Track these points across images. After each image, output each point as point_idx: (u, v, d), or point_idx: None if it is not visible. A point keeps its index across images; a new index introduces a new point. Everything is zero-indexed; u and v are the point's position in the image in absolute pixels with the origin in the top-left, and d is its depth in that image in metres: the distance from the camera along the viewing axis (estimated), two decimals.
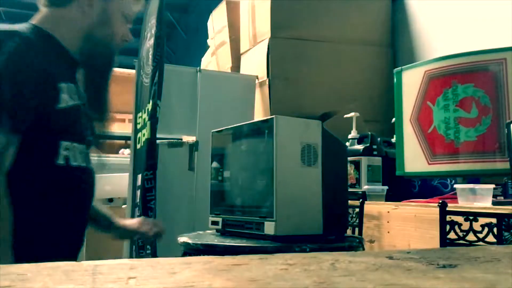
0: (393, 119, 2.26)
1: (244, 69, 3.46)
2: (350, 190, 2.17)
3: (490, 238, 1.15)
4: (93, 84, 1.20)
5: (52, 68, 1.07)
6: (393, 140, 2.41)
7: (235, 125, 1.55)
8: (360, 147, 2.39)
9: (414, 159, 2.05)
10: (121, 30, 1.21)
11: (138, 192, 2.26)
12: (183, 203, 2.71)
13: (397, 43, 3.36)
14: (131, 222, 1.42)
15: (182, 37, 8.35)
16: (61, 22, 1.15)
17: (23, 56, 1.01)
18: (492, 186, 1.69)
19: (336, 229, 1.45)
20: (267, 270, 0.47)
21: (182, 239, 1.42)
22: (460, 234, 1.21)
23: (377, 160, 2.36)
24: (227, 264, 0.51)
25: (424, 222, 1.74)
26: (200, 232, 1.64)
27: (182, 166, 2.79)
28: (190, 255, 1.37)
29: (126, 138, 4.44)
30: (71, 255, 1.14)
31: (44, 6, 1.17)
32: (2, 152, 0.96)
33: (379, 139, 2.46)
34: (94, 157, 1.21)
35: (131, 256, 2.38)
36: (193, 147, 2.79)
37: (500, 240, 1.13)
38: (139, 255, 2.17)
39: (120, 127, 5.26)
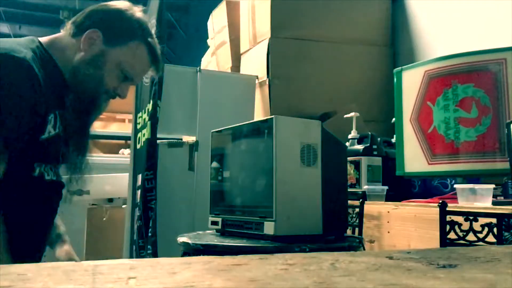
0: (393, 119, 2.26)
1: (244, 69, 3.46)
2: (350, 190, 2.17)
3: (490, 238, 1.15)
4: (75, 120, 1.22)
5: (46, 96, 1.10)
6: (393, 140, 2.41)
7: (235, 125, 1.55)
8: (360, 147, 2.39)
9: (414, 159, 2.05)
10: (113, 82, 1.20)
11: (138, 192, 2.26)
12: (183, 203, 2.71)
13: (397, 43, 3.36)
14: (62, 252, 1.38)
15: (182, 37, 8.35)
16: (66, 49, 1.19)
17: (21, 84, 1.04)
18: (492, 186, 1.69)
19: (336, 229, 1.45)
20: (267, 270, 0.47)
21: (182, 239, 1.42)
22: (460, 234, 1.21)
23: (377, 160, 2.36)
24: (227, 264, 0.51)
25: (424, 222, 1.74)
26: (200, 232, 1.64)
27: (182, 166, 2.79)
28: (190, 255, 1.37)
29: (126, 138, 4.44)
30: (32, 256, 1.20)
31: (63, 30, 1.23)
32: None
33: (379, 139, 2.46)
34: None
35: (131, 256, 2.38)
36: (193, 147, 2.79)
37: (500, 240, 1.13)
38: (139, 255, 2.17)
39: (120, 127, 5.26)
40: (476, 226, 1.18)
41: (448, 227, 1.24)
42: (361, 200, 1.85)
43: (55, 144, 1.16)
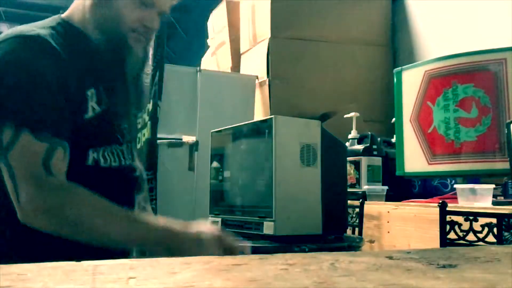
0: (393, 119, 2.26)
1: (244, 69, 3.46)
2: (350, 190, 2.17)
3: (490, 238, 1.15)
4: (107, 81, 1.04)
5: (75, 70, 0.96)
6: (393, 140, 2.41)
7: (234, 125, 1.55)
8: (360, 147, 2.39)
9: (414, 159, 2.05)
10: (133, 14, 1.01)
11: None
12: (183, 203, 2.71)
13: (397, 43, 3.36)
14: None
15: (182, 37, 8.35)
16: (83, 9, 1.04)
17: (39, 62, 0.92)
18: (492, 186, 1.69)
19: (336, 229, 1.45)
20: (267, 270, 0.47)
21: None
22: (460, 234, 1.21)
23: (377, 160, 2.36)
24: (227, 264, 0.51)
25: (424, 222, 1.74)
26: None
27: (182, 166, 2.79)
28: None
29: None
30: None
31: None
32: (50, 156, 0.87)
33: (379, 139, 2.46)
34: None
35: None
36: (193, 147, 2.79)
37: (500, 240, 1.13)
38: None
39: None
40: (476, 226, 1.18)
41: (448, 227, 1.24)
42: (361, 200, 1.85)
43: (106, 122, 1.00)
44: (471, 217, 1.19)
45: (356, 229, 1.79)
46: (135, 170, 1.15)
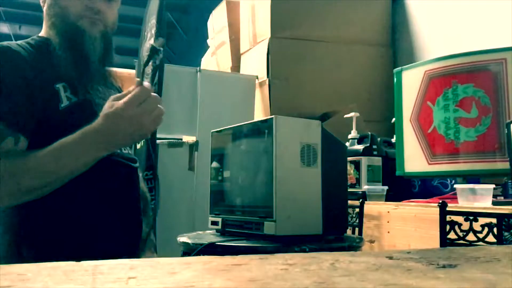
0: (393, 119, 2.26)
1: (244, 69, 3.46)
2: (350, 190, 2.17)
3: (490, 238, 1.15)
4: (77, 65, 1.14)
5: (44, 72, 1.09)
6: (393, 140, 2.41)
7: (235, 125, 1.55)
8: (360, 147, 2.39)
9: (414, 159, 2.05)
10: (76, 2, 1.14)
11: None
12: (183, 203, 2.71)
13: (397, 43, 3.36)
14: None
15: (182, 37, 8.36)
16: (45, 19, 1.20)
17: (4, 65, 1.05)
18: (492, 186, 1.69)
19: (336, 229, 1.45)
20: (267, 270, 0.47)
21: (182, 239, 1.42)
22: (460, 234, 1.21)
23: (377, 160, 2.36)
24: (227, 264, 0.51)
25: (424, 222, 1.74)
26: (200, 232, 1.64)
27: (182, 166, 2.79)
28: (190, 255, 1.37)
29: None
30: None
31: None
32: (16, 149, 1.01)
33: (379, 139, 2.46)
34: None
35: None
36: (193, 147, 2.79)
37: (500, 240, 1.13)
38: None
39: None
40: (476, 226, 1.18)
41: (448, 227, 1.24)
42: (361, 200, 1.85)
43: (87, 110, 1.10)
44: (471, 217, 1.19)
45: (356, 229, 1.79)
46: (134, 161, 1.26)
